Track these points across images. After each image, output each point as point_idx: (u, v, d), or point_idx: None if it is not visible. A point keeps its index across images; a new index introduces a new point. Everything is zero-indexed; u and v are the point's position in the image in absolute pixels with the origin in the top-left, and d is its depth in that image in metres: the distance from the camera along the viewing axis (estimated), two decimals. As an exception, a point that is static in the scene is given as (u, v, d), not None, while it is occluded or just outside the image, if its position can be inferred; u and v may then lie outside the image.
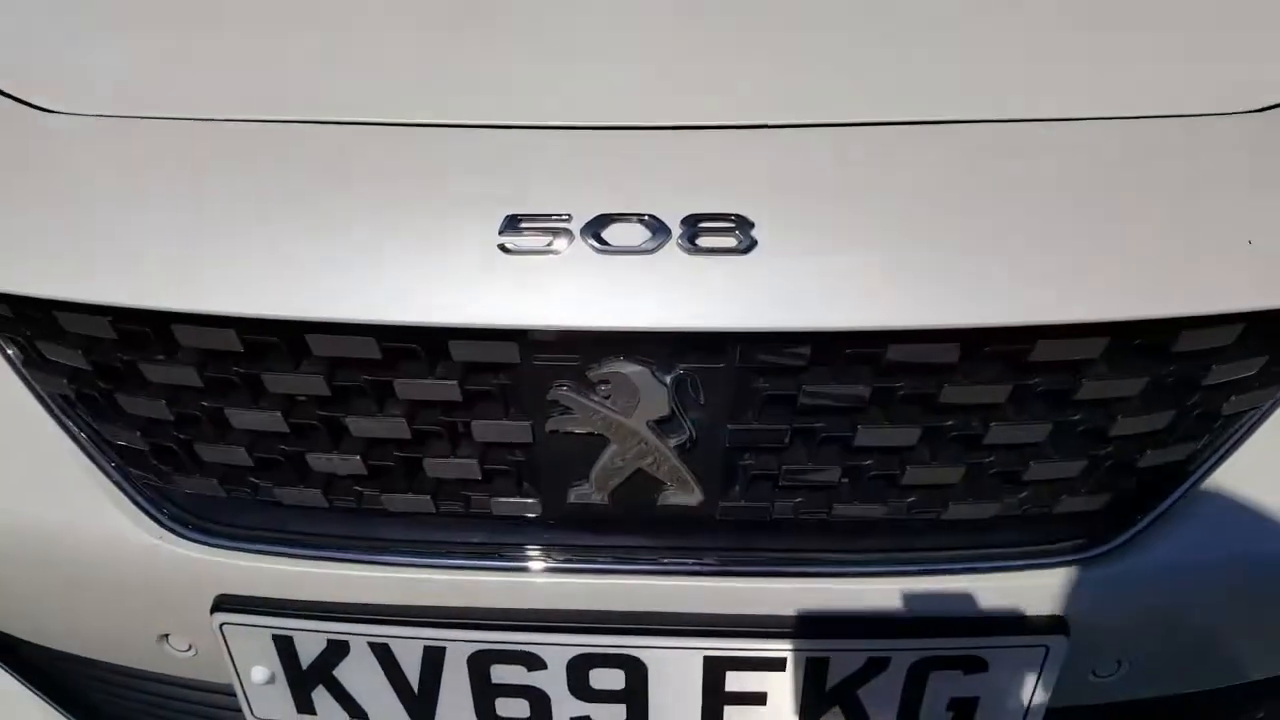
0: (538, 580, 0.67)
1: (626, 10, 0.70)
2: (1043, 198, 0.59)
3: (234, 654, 0.70)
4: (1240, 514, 0.67)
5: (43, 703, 0.89)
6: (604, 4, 0.70)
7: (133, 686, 0.84)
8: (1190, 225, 0.60)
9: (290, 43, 0.71)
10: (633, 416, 0.61)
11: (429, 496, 0.66)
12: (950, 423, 0.62)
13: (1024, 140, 0.62)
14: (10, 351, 0.70)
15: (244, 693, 0.72)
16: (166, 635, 0.74)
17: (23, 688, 0.90)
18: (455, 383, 0.61)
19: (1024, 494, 0.65)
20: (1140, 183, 0.61)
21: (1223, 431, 0.67)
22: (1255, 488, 0.67)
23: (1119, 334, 0.60)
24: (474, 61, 0.67)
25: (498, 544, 0.67)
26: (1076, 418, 0.63)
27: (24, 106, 0.69)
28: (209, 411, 0.65)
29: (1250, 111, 0.64)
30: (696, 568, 0.66)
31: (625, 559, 0.66)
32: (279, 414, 0.64)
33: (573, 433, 0.63)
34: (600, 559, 0.66)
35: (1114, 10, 0.70)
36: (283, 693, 0.72)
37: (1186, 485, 0.67)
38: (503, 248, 0.57)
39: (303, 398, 0.64)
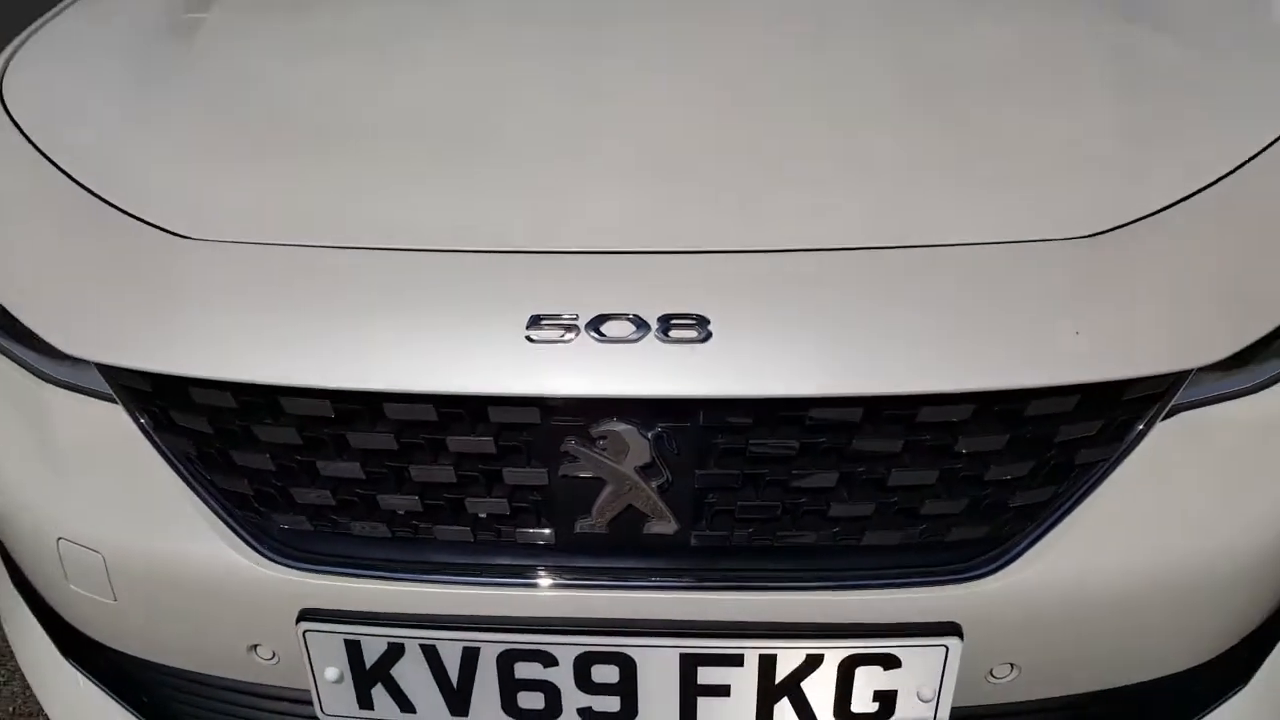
0: (551, 594, 0.86)
1: (612, 161, 0.93)
2: (921, 301, 0.81)
3: (312, 657, 0.89)
4: (1102, 541, 0.87)
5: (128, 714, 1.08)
6: (597, 157, 0.94)
7: (215, 697, 1.03)
8: (1031, 320, 0.81)
9: (365, 188, 0.94)
10: (624, 464, 0.82)
11: (469, 528, 0.86)
12: (861, 469, 0.83)
13: (911, 261, 0.84)
14: (143, 420, 0.92)
15: (317, 691, 0.91)
16: (255, 645, 0.93)
17: (113, 702, 1.08)
18: (491, 439, 0.82)
19: (922, 525, 0.85)
20: (998, 289, 0.83)
21: (1081, 476, 0.86)
22: (1114, 520, 0.87)
23: (982, 402, 0.81)
24: (509, 204, 0.90)
25: (520, 565, 0.86)
26: (958, 466, 0.83)
27: (167, 234, 0.92)
28: (303, 463, 0.86)
29: (1081, 237, 0.87)
30: (674, 583, 0.85)
31: (619, 576, 0.86)
32: (358, 464, 0.85)
33: (578, 477, 0.83)
34: (600, 576, 0.86)
35: (977, 158, 0.93)
36: (348, 690, 0.90)
37: (1054, 518, 0.86)
38: (529, 339, 0.79)
39: (375, 451, 0.85)
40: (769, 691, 0.87)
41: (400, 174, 0.95)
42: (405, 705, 0.90)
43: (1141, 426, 0.87)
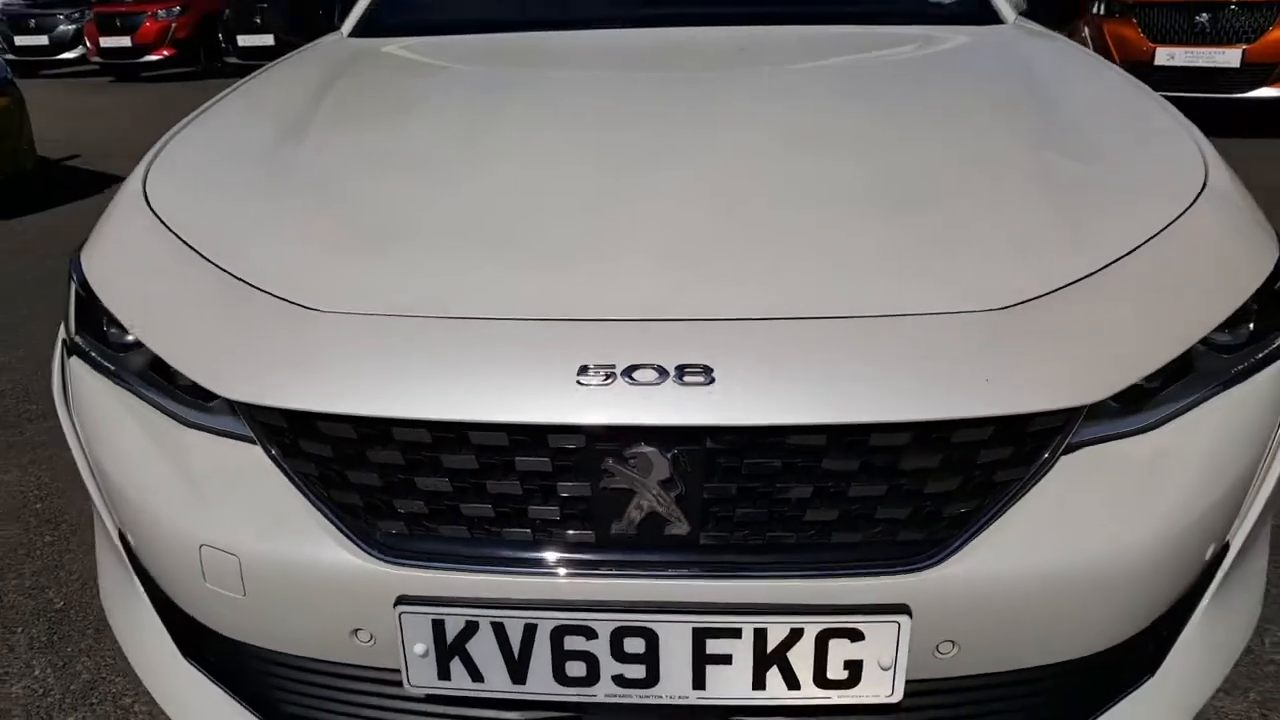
0: (592, 581, 1.11)
1: (640, 251, 1.23)
2: (870, 355, 1.09)
3: (405, 635, 1.13)
4: (1021, 544, 1.12)
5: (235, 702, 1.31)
6: (629, 248, 1.24)
7: (314, 681, 1.26)
8: (955, 369, 1.09)
9: (450, 271, 1.23)
10: (649, 478, 1.08)
11: (529, 530, 1.12)
12: (829, 484, 1.09)
13: (864, 326, 1.12)
14: (274, 451, 1.18)
15: (406, 665, 1.15)
16: (357, 630, 1.17)
17: (223, 693, 1.32)
18: (548, 460, 1.09)
19: (877, 529, 1.11)
20: (930, 348, 1.11)
21: (1000, 492, 1.12)
22: (1031, 528, 1.12)
23: (918, 431, 1.08)
24: (565, 284, 1.19)
25: (569, 559, 1.12)
26: (902, 482, 1.10)
27: (300, 308, 1.21)
28: (403, 480, 1.13)
29: (995, 309, 1.15)
30: (687, 573, 1.10)
31: (645, 567, 1.11)
32: (446, 480, 1.11)
33: (614, 489, 1.09)
34: (630, 568, 1.11)
35: (921, 250, 1.22)
36: (431, 663, 1.14)
37: (981, 524, 1.12)
38: (578, 382, 1.07)
39: (459, 470, 1.11)
40: (762, 660, 1.11)
41: (478, 260, 1.24)
42: (476, 675, 1.14)
43: (1048, 455, 1.13)
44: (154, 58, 13.60)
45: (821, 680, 1.12)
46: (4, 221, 5.51)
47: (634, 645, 1.11)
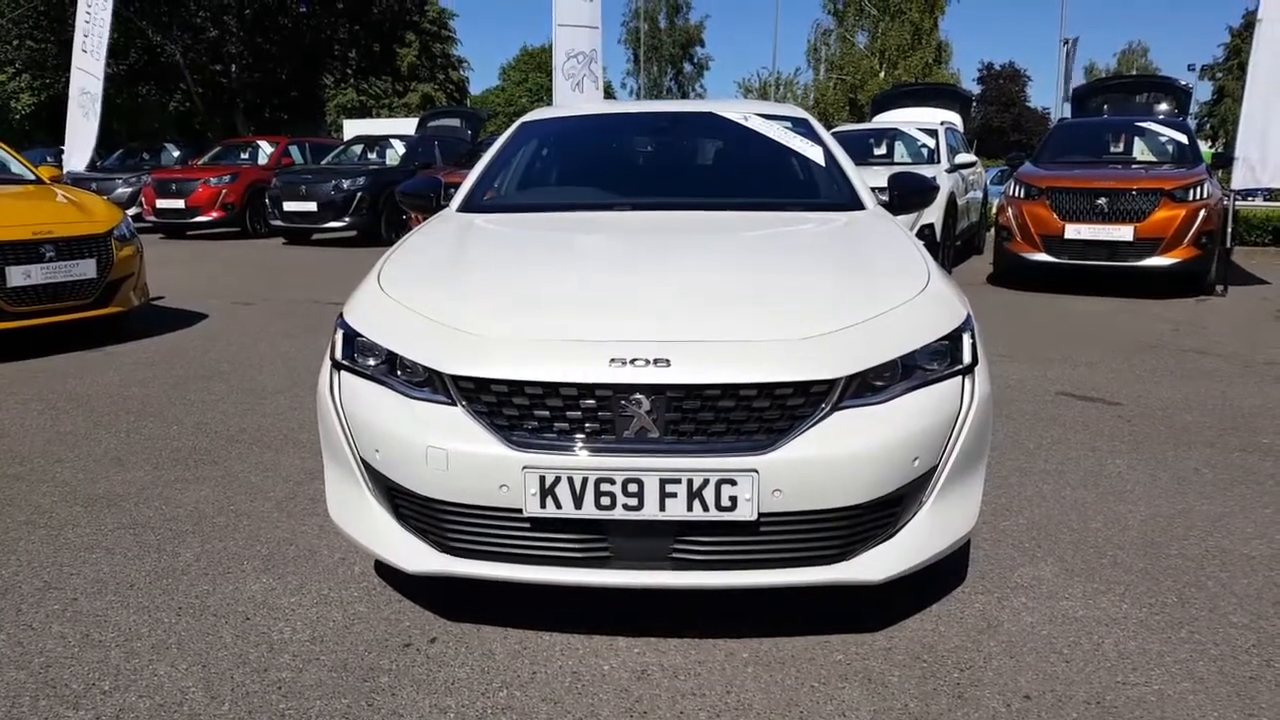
0: (614, 458, 2.40)
1: (642, 307, 2.63)
2: (739, 357, 2.46)
3: (526, 484, 2.43)
4: (811, 445, 2.44)
5: (426, 544, 2.60)
6: (639, 306, 2.64)
7: (467, 520, 2.55)
8: (780, 363, 2.45)
9: (552, 317, 2.63)
10: (640, 410, 2.41)
11: (585, 434, 2.44)
12: (720, 412, 2.43)
13: (736, 345, 2.50)
14: (463, 401, 2.53)
15: (525, 500, 2.44)
16: (502, 484, 2.46)
17: (419, 540, 2.62)
18: (594, 401, 2.43)
19: (743, 433, 2.43)
20: (768, 354, 2.48)
21: (802, 421, 2.46)
22: (818, 439, 2.45)
23: (761, 388, 2.43)
24: (607, 324, 2.58)
25: (603, 447, 2.42)
26: (753, 410, 2.44)
27: (472, 335, 2.58)
28: (528, 411, 2.46)
29: (803, 339, 2.53)
30: (658, 454, 2.40)
31: (638, 452, 2.40)
32: (547, 411, 2.45)
33: (625, 415, 2.42)
34: (632, 452, 2.40)
35: (767, 305, 2.63)
36: (537, 499, 2.43)
37: (791, 435, 2.44)
38: (609, 364, 2.43)
39: (555, 405, 2.45)
40: (690, 495, 2.41)
41: (561, 313, 2.65)
42: (558, 505, 2.43)
43: (826, 407, 2.48)
44: (204, 219, 15.37)
45: (718, 506, 2.42)
46: (134, 341, 6.91)
47: (632, 488, 2.42)
